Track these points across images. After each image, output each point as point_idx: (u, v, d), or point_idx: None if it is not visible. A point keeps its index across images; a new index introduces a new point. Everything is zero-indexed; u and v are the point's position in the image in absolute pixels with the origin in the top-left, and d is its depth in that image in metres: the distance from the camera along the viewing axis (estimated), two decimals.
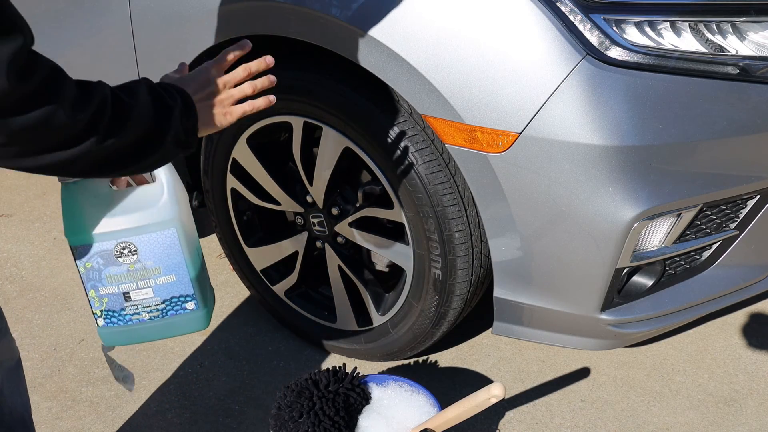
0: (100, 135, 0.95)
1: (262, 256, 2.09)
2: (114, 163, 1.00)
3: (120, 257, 1.27)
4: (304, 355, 2.13)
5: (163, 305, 1.33)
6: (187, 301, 1.33)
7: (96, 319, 1.34)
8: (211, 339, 2.19)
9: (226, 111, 1.16)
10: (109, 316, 1.33)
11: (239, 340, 2.19)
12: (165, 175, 1.28)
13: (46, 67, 0.90)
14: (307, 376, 1.63)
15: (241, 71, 1.18)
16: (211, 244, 2.62)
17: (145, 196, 1.28)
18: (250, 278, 2.15)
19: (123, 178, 1.28)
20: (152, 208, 1.27)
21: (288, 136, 1.87)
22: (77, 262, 1.29)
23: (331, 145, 1.76)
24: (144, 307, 1.32)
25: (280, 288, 2.09)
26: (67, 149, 0.93)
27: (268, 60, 1.21)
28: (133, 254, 1.28)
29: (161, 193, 1.27)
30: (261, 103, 1.19)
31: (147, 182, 1.31)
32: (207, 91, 1.14)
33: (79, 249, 1.28)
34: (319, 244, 1.98)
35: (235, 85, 1.18)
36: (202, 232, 2.24)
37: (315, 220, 1.93)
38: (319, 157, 1.81)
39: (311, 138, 1.84)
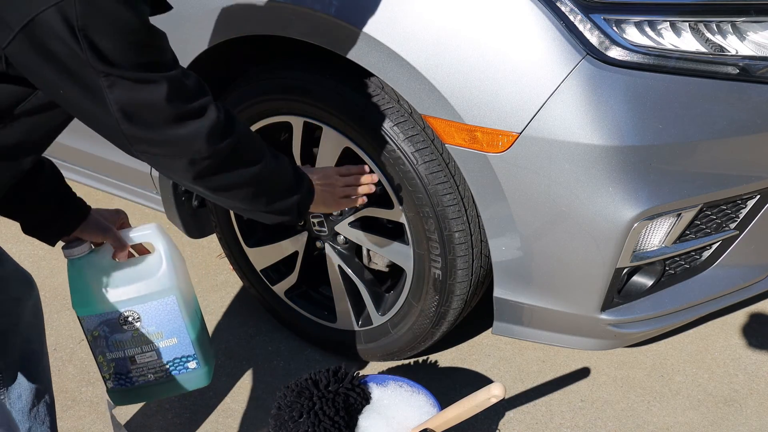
0: (266, 169, 1.25)
1: (262, 256, 2.09)
2: (267, 195, 1.26)
3: (124, 325, 1.37)
4: (304, 355, 2.13)
5: (167, 366, 1.42)
6: (189, 361, 1.43)
7: (105, 382, 1.43)
8: (212, 332, 2.19)
9: (335, 201, 1.53)
10: (117, 378, 1.42)
11: (239, 340, 2.19)
12: (163, 245, 1.39)
13: (235, 134, 1.15)
14: (307, 376, 1.63)
15: (352, 180, 1.57)
16: (211, 244, 2.62)
17: (145, 266, 1.38)
18: (250, 278, 2.15)
19: (125, 251, 1.38)
20: (152, 278, 1.37)
21: (288, 136, 1.87)
22: (85, 331, 1.38)
23: (331, 145, 1.76)
24: (149, 369, 1.42)
25: (280, 288, 2.09)
26: (250, 167, 1.21)
27: (373, 177, 1.61)
28: (137, 321, 1.37)
29: (160, 263, 1.38)
30: (360, 201, 1.60)
31: (147, 252, 1.44)
32: (327, 182, 1.50)
33: (87, 319, 1.37)
34: (319, 244, 1.98)
35: (347, 185, 1.56)
36: (202, 232, 2.24)
37: (315, 220, 1.93)
38: (319, 157, 1.81)
39: (311, 138, 1.84)
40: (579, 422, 1.87)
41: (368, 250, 1.94)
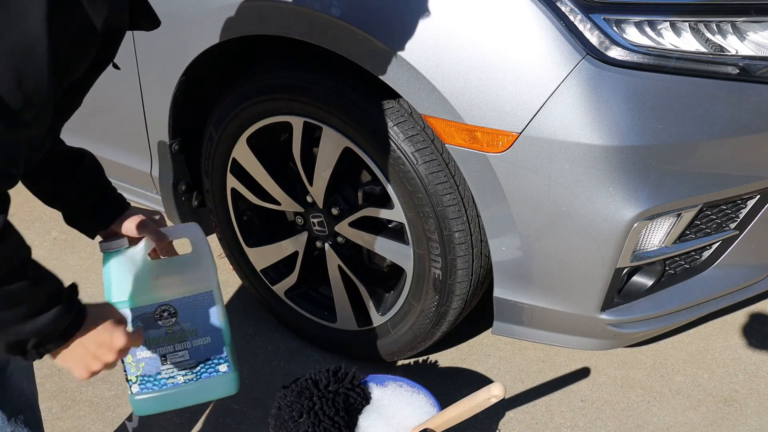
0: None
1: (262, 256, 2.09)
2: None
3: (159, 320, 1.33)
4: (304, 355, 2.13)
5: (198, 368, 1.38)
6: (220, 363, 1.39)
7: (130, 386, 1.36)
8: None
9: (83, 371, 1.10)
10: (144, 382, 1.36)
11: (239, 340, 2.19)
12: (202, 242, 1.38)
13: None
14: (307, 376, 1.63)
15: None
16: (212, 244, 2.62)
17: (182, 262, 1.37)
18: (250, 278, 2.15)
19: (165, 243, 1.37)
20: (191, 272, 1.35)
21: (288, 136, 1.87)
22: None
23: (331, 145, 1.76)
24: (179, 370, 1.37)
25: (280, 288, 2.09)
26: None
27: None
28: (173, 316, 1.34)
29: (198, 258, 1.37)
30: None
31: (176, 254, 1.39)
32: (99, 340, 1.09)
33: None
34: (319, 244, 1.98)
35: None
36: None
37: (315, 220, 1.93)
38: (319, 157, 1.81)
39: (311, 138, 1.84)
40: (579, 422, 1.87)
41: (368, 250, 1.94)
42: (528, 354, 2.09)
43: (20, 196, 2.95)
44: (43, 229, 2.77)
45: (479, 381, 2.02)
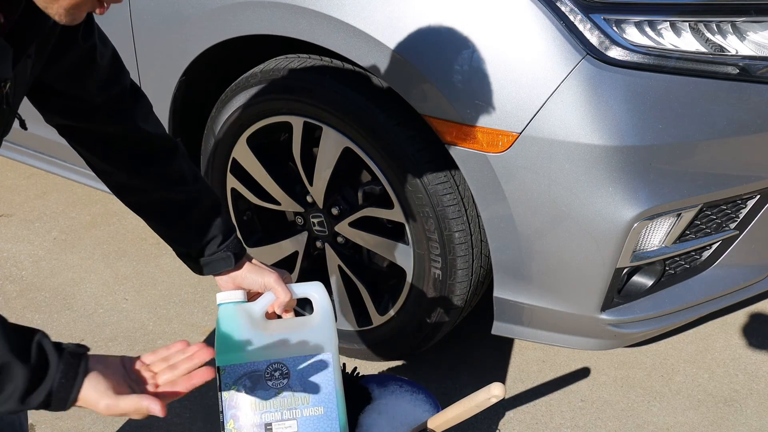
0: None
1: (262, 256, 2.09)
2: None
3: (269, 380, 1.20)
4: None
5: None
6: None
7: None
8: (211, 338, 2.19)
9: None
10: None
11: None
12: (324, 301, 1.25)
13: None
14: None
15: (168, 372, 0.98)
16: None
17: (301, 320, 1.26)
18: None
19: (287, 300, 1.24)
20: (309, 330, 1.23)
21: (288, 136, 1.87)
22: (222, 386, 1.18)
23: (331, 145, 1.76)
24: None
25: None
26: None
27: (206, 354, 0.99)
28: (284, 378, 1.20)
29: (320, 318, 1.24)
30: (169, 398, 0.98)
31: (293, 315, 1.28)
32: (124, 382, 0.96)
33: (228, 370, 1.19)
34: (319, 244, 1.98)
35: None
36: None
37: (315, 220, 1.93)
38: (319, 157, 1.81)
39: (311, 138, 1.84)
40: (579, 422, 1.87)
41: (368, 250, 1.94)
42: (528, 354, 2.09)
43: (20, 195, 2.95)
44: (43, 229, 2.77)
45: (479, 381, 2.02)
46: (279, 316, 1.27)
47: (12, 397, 0.88)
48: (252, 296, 1.27)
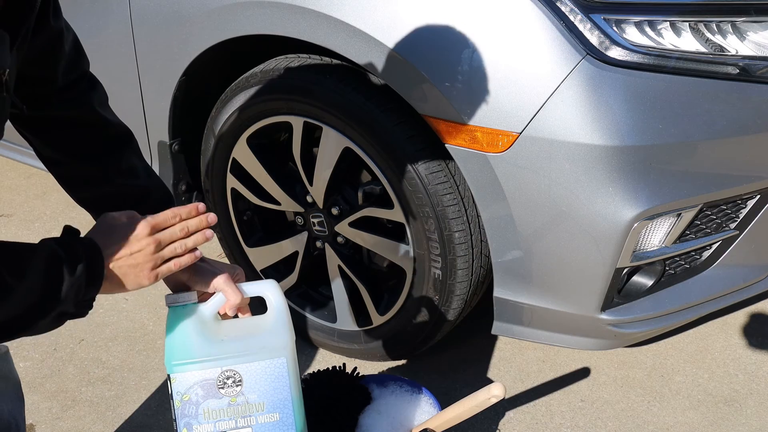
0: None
1: (262, 256, 2.09)
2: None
3: (222, 388, 1.17)
4: (304, 355, 2.13)
5: None
6: None
7: None
8: None
9: (149, 274, 1.06)
10: None
11: None
12: (280, 302, 1.21)
13: None
14: (308, 376, 1.63)
15: (178, 231, 1.08)
16: (212, 244, 2.62)
17: (254, 323, 1.21)
18: (250, 278, 2.15)
19: (239, 300, 1.20)
20: (262, 335, 1.18)
21: (288, 136, 1.87)
22: (173, 394, 1.17)
23: (331, 145, 1.76)
24: None
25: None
26: None
27: (210, 218, 1.12)
28: (237, 385, 1.17)
29: (273, 320, 1.20)
30: (186, 260, 1.10)
31: (250, 314, 1.24)
32: (133, 250, 1.03)
33: (179, 378, 1.17)
34: (319, 244, 1.98)
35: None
36: None
37: (315, 220, 1.93)
38: (319, 157, 1.81)
39: (311, 138, 1.84)
40: (579, 422, 1.87)
41: (368, 250, 1.94)
42: (528, 354, 2.09)
43: (20, 195, 2.95)
44: (43, 229, 2.77)
45: (479, 381, 2.02)
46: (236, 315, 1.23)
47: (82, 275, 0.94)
48: (206, 295, 1.22)
